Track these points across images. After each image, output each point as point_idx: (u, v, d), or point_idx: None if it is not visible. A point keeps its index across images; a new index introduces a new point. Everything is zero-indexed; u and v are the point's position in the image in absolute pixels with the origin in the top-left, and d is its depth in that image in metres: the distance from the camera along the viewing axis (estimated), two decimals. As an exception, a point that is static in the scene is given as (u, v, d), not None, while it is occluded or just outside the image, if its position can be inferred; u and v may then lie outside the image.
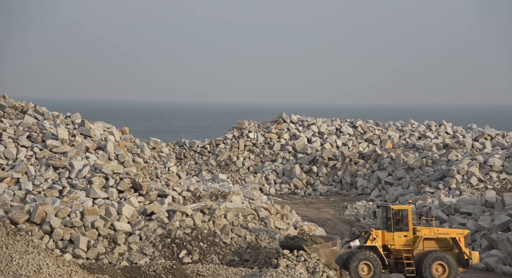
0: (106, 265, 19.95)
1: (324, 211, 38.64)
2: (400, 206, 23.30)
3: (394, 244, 22.49)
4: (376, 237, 22.38)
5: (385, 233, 22.53)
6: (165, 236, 23.56)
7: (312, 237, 22.41)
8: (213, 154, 49.41)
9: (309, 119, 52.52)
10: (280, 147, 49.74)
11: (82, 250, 22.47)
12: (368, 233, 22.58)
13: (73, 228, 23.24)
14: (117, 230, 23.62)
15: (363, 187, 44.72)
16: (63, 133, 30.65)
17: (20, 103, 34.22)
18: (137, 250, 23.03)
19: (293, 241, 22.37)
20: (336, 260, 21.92)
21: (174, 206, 25.52)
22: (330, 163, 46.97)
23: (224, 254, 23.55)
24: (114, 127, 37.15)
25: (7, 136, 29.94)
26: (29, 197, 26.07)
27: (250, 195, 30.01)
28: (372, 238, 22.33)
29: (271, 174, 46.90)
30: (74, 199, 25.63)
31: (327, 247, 22.05)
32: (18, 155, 28.88)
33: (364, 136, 51.26)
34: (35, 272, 14.85)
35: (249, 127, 51.62)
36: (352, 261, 21.79)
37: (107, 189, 27.07)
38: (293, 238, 22.56)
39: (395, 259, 22.60)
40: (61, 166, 28.48)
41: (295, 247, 22.14)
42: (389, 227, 22.57)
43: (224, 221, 25.24)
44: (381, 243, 22.44)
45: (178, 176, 35.59)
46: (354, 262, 21.79)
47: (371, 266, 21.89)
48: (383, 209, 23.08)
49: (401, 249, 22.54)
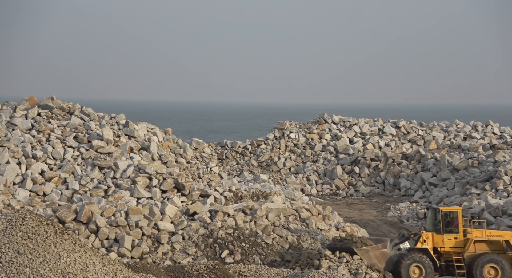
0: (150, 264, 20.23)
1: (367, 212, 38.26)
2: (450, 208, 22.92)
3: (443, 246, 22.13)
4: (426, 239, 22.02)
5: (435, 235, 22.16)
6: (207, 236, 23.76)
7: (362, 239, 22.17)
8: (255, 155, 49.53)
9: (351, 120, 52.09)
10: (321, 148, 49.49)
11: (127, 249, 22.83)
12: (418, 235, 22.23)
13: (118, 227, 23.64)
14: (160, 230, 23.92)
15: (406, 188, 44.09)
16: (108, 134, 31.24)
17: (67, 104, 35.01)
18: (180, 250, 23.28)
19: (342, 243, 22.17)
20: (386, 262, 21.64)
21: (216, 206, 25.69)
22: (372, 164, 46.47)
23: (265, 255, 23.59)
24: (158, 128, 37.64)
25: (55, 137, 30.71)
26: (76, 197, 26.65)
27: (292, 196, 29.96)
28: (423, 240, 21.98)
29: (313, 175, 46.71)
30: (119, 199, 26.08)
31: (377, 249, 21.77)
32: (65, 155, 29.57)
33: (407, 137, 50.54)
34: (82, 270, 15.18)
35: (291, 128, 51.55)
36: (403, 263, 21.47)
37: (151, 189, 27.46)
38: (342, 240, 22.36)
39: (445, 261, 22.19)
40: (106, 166, 29.04)
41: (344, 249, 21.93)
42: (438, 229, 22.20)
43: (266, 222, 25.27)
44: (431, 245, 22.07)
45: (220, 176, 35.83)
46: (405, 264, 21.47)
47: (422, 268, 21.55)
48: (433, 211, 22.71)
49: (451, 251, 22.14)
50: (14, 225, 15.52)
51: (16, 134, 30.27)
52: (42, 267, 14.85)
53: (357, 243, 21.84)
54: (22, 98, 34.68)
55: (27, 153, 28.79)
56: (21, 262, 14.81)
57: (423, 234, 22.07)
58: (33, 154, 28.88)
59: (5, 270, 14.64)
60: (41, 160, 28.86)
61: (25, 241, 15.24)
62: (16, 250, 15.02)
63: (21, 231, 15.42)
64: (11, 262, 14.79)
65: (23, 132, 30.96)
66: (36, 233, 15.47)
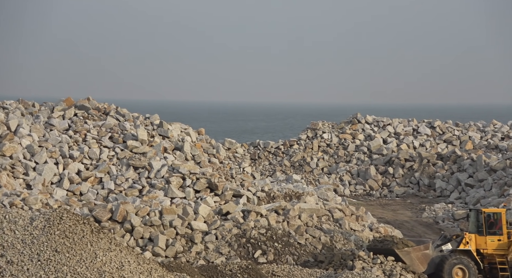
0: (184, 263, 20.37)
1: (401, 213, 37.81)
2: (493, 209, 22.46)
3: (486, 248, 21.67)
4: (469, 241, 21.60)
5: (477, 237, 21.74)
6: (240, 236, 23.83)
7: (403, 240, 21.79)
8: (287, 155, 49.47)
9: (385, 120, 51.53)
10: (354, 148, 49.12)
11: (161, 248, 23.05)
12: (461, 237, 21.82)
13: (152, 226, 23.88)
14: (194, 229, 24.08)
15: (442, 189, 43.42)
16: (143, 134, 31.61)
17: (103, 105, 35.54)
18: (214, 249, 23.41)
19: (382, 244, 21.84)
20: (428, 264, 21.28)
21: (249, 206, 25.74)
22: (406, 164, 45.89)
23: (298, 255, 23.54)
24: (191, 128, 37.92)
25: (91, 137, 31.22)
26: (111, 196, 27.02)
27: (324, 196, 29.83)
28: (465, 242, 21.56)
29: (346, 175, 46.39)
30: (153, 199, 26.36)
31: (419, 251, 21.39)
32: (101, 155, 30.02)
33: (442, 137, 49.74)
34: (118, 269, 15.40)
35: (323, 128, 51.30)
36: (446, 265, 21.08)
37: (184, 189, 27.66)
38: (382, 241, 22.03)
39: (488, 264, 21.74)
40: (140, 166, 29.38)
41: (384, 250, 21.61)
42: (481, 231, 21.78)
43: (299, 222, 25.21)
44: (474, 247, 21.64)
45: (253, 176, 35.89)
46: (448, 266, 21.08)
47: (465, 270, 21.13)
48: (475, 212, 22.28)
49: (494, 253, 21.67)
50: (52, 224, 15.82)
51: (53, 134, 30.88)
52: (79, 265, 15.12)
53: (398, 244, 21.42)
54: (60, 99, 35.38)
55: (64, 153, 29.33)
56: (58, 260, 15.10)
57: (466, 236, 21.62)
58: (70, 154, 29.41)
59: (43, 268, 14.96)
60: (78, 160, 29.36)
61: (63, 239, 15.53)
62: (54, 249, 15.32)
63: (58, 230, 15.71)
64: (49, 260, 15.11)
65: (60, 132, 31.56)
66: (73, 232, 15.75)
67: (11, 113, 32.45)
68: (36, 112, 33.61)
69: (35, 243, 15.36)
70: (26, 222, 15.92)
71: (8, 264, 14.92)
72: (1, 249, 15.20)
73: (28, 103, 35.05)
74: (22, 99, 35.65)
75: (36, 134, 30.40)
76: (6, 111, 33.16)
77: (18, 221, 15.93)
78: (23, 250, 15.21)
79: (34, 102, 35.24)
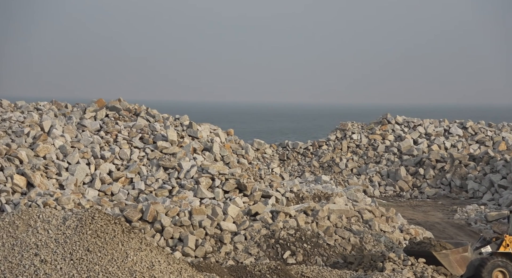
0: (213, 264, 20.45)
1: (432, 215, 37.31)
2: None
3: None
4: (510, 243, 21.01)
5: None
6: (269, 237, 23.83)
7: (441, 242, 21.28)
8: (316, 156, 49.28)
9: (415, 120, 50.91)
10: (384, 149, 48.66)
11: (191, 248, 23.18)
12: (501, 239, 21.29)
13: (182, 227, 24.03)
14: (223, 230, 24.16)
15: (474, 190, 42.72)
16: (173, 135, 31.86)
17: (134, 106, 35.93)
18: (243, 250, 23.45)
19: (419, 246, 21.40)
20: (467, 267, 20.86)
21: (278, 207, 25.73)
22: (437, 165, 45.27)
23: (328, 256, 23.44)
24: (220, 129, 38.06)
25: (122, 138, 31.60)
26: (142, 196, 27.29)
27: (354, 197, 29.63)
28: (506, 244, 21.01)
29: (375, 176, 45.99)
30: (183, 199, 26.54)
31: (458, 253, 20.84)
32: (131, 156, 30.36)
33: (475, 138, 48.92)
34: (148, 268, 15.54)
35: (353, 128, 50.94)
36: (486, 268, 20.54)
37: (213, 189, 27.78)
38: (419, 243, 21.59)
39: None
40: (170, 167, 29.62)
41: (421, 252, 21.19)
42: None
43: (328, 223, 25.10)
44: None
45: (281, 177, 35.86)
46: (488, 268, 20.56)
47: (506, 273, 20.59)
48: None
49: None
50: (84, 224, 16.04)
51: (85, 135, 31.34)
52: (111, 265, 15.30)
53: (436, 246, 20.92)
54: (92, 100, 35.92)
55: (96, 154, 29.73)
56: (90, 260, 15.31)
57: (506, 238, 21.05)
58: (102, 155, 29.80)
59: (76, 267, 15.19)
60: (109, 160, 29.74)
61: (94, 239, 15.73)
62: (86, 248, 15.54)
63: (90, 230, 15.92)
64: (82, 260, 15.33)
65: (92, 133, 32.01)
66: (105, 232, 15.94)
67: (45, 114, 33.08)
68: (68, 113, 34.19)
69: (68, 242, 15.60)
70: (59, 221, 16.18)
71: (42, 263, 15.20)
72: (35, 248, 15.49)
73: (61, 104, 35.68)
74: (55, 100, 36.31)
75: (69, 134, 30.91)
76: (40, 112, 33.82)
77: (52, 221, 16.19)
78: (56, 249, 15.47)
79: (66, 103, 35.85)
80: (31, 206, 24.35)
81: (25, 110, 34.00)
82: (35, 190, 25.79)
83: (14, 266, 15.08)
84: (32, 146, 29.26)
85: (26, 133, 29.95)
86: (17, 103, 34.96)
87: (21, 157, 27.92)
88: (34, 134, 30.12)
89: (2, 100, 34.86)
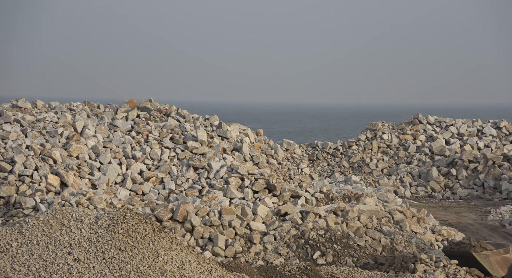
0: (243, 263, 20.45)
1: (465, 216, 36.72)
2: None
3: None
4: None
5: None
6: (298, 237, 23.78)
7: (481, 243, 20.70)
8: (346, 156, 48.95)
9: (447, 120, 50.14)
10: (415, 149, 48.06)
11: (221, 248, 23.25)
12: None
13: (211, 226, 24.12)
14: (252, 230, 24.18)
15: (508, 191, 41.89)
16: (202, 135, 32.03)
17: (164, 106, 36.24)
18: (272, 250, 23.45)
19: (459, 247, 20.83)
20: (508, 269, 20.38)
21: (307, 207, 25.64)
22: (470, 166, 44.52)
23: (358, 257, 23.27)
24: (249, 129, 38.09)
25: (152, 138, 31.90)
26: (172, 196, 27.49)
27: (384, 198, 29.35)
28: None
29: (406, 177, 45.47)
30: (213, 199, 26.64)
31: (499, 254, 20.24)
32: (162, 156, 30.61)
33: (509, 138, 47.95)
34: (179, 268, 15.64)
35: (383, 129, 50.45)
36: None
37: (243, 189, 27.84)
38: (458, 244, 21.05)
39: None
40: (200, 167, 29.78)
41: (461, 253, 20.62)
42: None
43: (358, 224, 24.92)
44: None
45: (311, 177, 35.73)
46: None
47: None
48: None
49: None
50: (116, 223, 16.22)
51: (117, 135, 31.73)
52: (142, 264, 15.45)
53: (476, 247, 20.36)
54: (123, 101, 36.37)
55: (127, 154, 30.08)
56: (122, 259, 15.49)
57: None
58: (133, 155, 30.13)
59: (108, 266, 15.39)
60: (140, 160, 30.05)
61: (126, 238, 15.90)
62: (118, 247, 15.72)
63: (122, 229, 16.10)
64: (114, 259, 15.51)
65: (123, 133, 32.39)
66: (136, 231, 16.10)
67: (78, 115, 33.61)
68: (101, 113, 34.67)
69: (100, 241, 15.80)
70: (91, 220, 16.39)
71: (75, 261, 15.43)
72: (68, 247, 15.73)
73: (93, 105, 36.21)
74: (87, 101, 36.87)
75: (101, 135, 31.33)
76: (73, 113, 34.38)
77: (84, 220, 16.41)
78: (89, 248, 15.69)
79: (99, 104, 36.37)
80: (64, 205, 24.74)
81: (58, 110, 34.60)
82: (68, 190, 26.20)
83: (48, 265, 15.35)
84: (66, 146, 29.73)
85: (60, 133, 30.45)
86: (51, 103, 35.59)
87: (55, 157, 28.40)
88: (68, 134, 30.62)
89: (37, 101, 35.54)
